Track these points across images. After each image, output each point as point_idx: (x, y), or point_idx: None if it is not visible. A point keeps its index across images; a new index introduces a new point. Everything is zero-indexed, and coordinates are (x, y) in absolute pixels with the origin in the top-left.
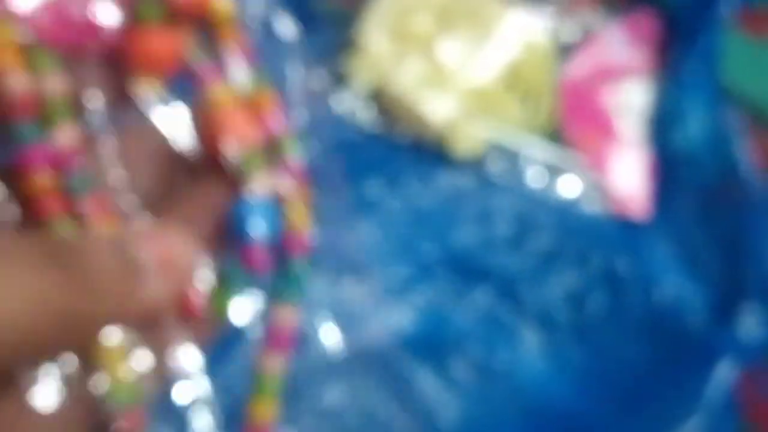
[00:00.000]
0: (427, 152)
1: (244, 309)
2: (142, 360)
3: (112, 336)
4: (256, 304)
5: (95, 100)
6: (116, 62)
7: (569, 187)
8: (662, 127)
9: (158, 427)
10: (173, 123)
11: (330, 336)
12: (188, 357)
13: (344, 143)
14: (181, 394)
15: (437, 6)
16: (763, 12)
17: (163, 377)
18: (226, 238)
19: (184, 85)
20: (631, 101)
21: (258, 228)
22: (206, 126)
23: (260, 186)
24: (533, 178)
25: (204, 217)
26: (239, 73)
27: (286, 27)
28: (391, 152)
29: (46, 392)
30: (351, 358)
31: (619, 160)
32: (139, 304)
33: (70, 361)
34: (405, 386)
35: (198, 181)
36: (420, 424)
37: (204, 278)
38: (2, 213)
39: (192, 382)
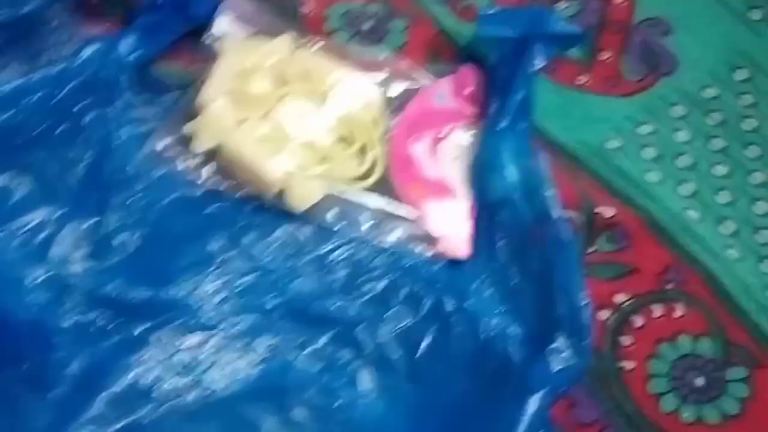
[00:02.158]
0: (267, 206)
1: None
2: None
3: None
4: None
5: None
6: None
7: (399, 232)
8: (482, 173)
9: None
10: None
11: (177, 385)
12: None
13: (188, 201)
14: None
15: (274, 67)
16: (569, 62)
17: None
18: None
19: None
20: (455, 150)
21: None
22: None
23: None
24: (366, 225)
25: None
26: None
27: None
28: (232, 208)
29: None
30: (197, 405)
31: (444, 205)
32: None
33: None
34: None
35: None
36: None
37: None
38: None
39: None
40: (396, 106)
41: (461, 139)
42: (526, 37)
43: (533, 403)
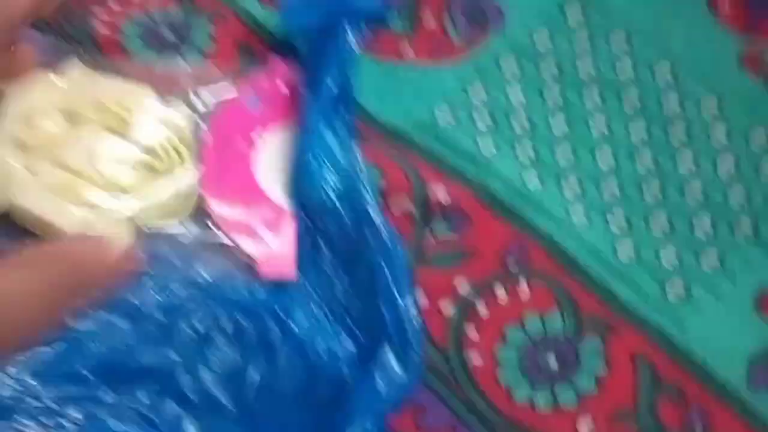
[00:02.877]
0: None
1: None
2: None
3: None
4: None
5: None
6: None
7: (218, 263)
8: (299, 179)
9: None
10: None
11: None
12: None
13: None
14: None
15: (64, 105)
16: (391, 35)
17: None
18: None
19: None
20: (271, 158)
21: None
22: None
23: None
24: (180, 261)
25: None
26: None
27: None
28: None
29: None
30: None
31: (264, 224)
32: None
33: None
34: None
35: None
36: None
37: None
38: None
39: None
40: (209, 119)
41: (278, 143)
42: (332, 20)
43: (359, 425)
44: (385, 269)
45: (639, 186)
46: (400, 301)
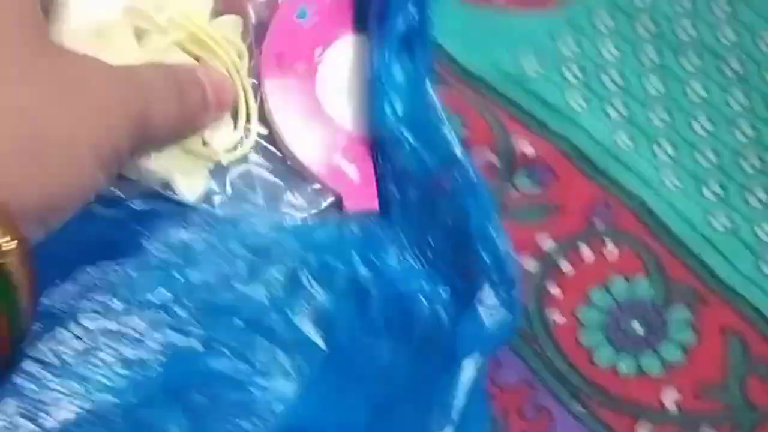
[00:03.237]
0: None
1: None
2: None
3: None
4: None
5: None
6: None
7: (297, 198)
8: (370, 102)
9: None
10: None
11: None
12: None
13: None
14: None
15: (130, 17)
16: None
17: None
18: None
19: None
20: (333, 79)
21: None
22: None
23: None
24: (257, 197)
25: None
26: None
27: None
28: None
29: None
30: (87, 422)
31: (339, 152)
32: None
33: None
34: None
35: None
36: None
37: None
38: None
39: None
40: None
41: (339, 61)
42: None
43: (469, 367)
44: (475, 209)
45: (737, 155)
46: (495, 241)
